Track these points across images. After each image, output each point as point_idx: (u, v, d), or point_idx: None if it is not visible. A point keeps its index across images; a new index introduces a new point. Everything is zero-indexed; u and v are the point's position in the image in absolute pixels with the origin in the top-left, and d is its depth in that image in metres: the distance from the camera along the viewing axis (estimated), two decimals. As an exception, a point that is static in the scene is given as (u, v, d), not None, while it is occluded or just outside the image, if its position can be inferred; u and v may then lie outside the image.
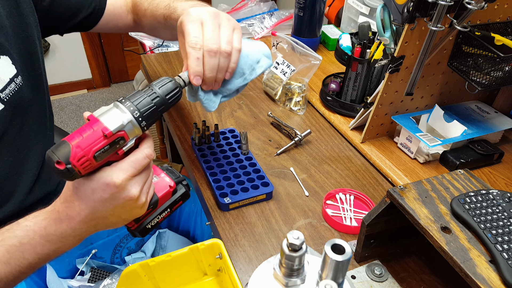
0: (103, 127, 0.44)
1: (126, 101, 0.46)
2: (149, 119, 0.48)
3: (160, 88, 0.49)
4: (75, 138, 0.44)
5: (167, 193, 0.58)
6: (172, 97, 0.50)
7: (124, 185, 0.47)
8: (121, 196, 0.47)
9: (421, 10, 0.66)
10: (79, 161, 0.43)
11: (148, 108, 0.47)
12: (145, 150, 0.49)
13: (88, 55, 2.67)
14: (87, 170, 0.45)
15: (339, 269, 0.36)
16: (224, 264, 0.60)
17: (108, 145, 0.45)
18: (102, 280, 0.86)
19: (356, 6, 1.22)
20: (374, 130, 0.85)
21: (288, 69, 0.98)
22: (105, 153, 0.45)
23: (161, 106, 0.49)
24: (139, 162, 0.48)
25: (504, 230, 0.48)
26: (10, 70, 0.66)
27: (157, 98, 0.48)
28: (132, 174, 0.47)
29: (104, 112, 0.45)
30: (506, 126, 0.83)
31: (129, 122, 0.46)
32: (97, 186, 0.46)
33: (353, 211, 0.72)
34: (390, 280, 0.59)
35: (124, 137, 0.46)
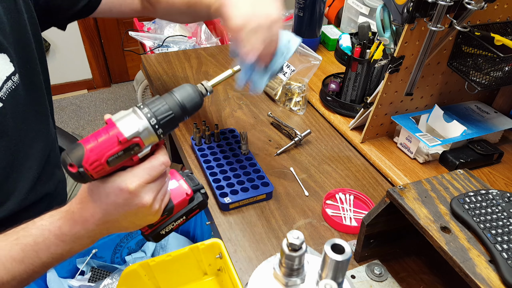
0: (118, 133, 0.44)
1: (144, 107, 0.45)
2: (166, 127, 0.46)
3: (180, 96, 0.48)
4: (90, 141, 0.43)
5: (183, 200, 0.56)
6: (192, 106, 0.48)
7: (137, 191, 0.46)
8: (134, 202, 0.47)
9: (421, 10, 0.66)
10: (92, 165, 0.43)
11: (166, 116, 0.46)
12: (161, 157, 0.48)
13: (89, 55, 2.67)
14: (100, 174, 0.45)
15: (339, 269, 0.36)
16: (224, 263, 0.60)
17: (122, 151, 0.44)
18: (103, 280, 0.86)
19: (356, 6, 1.22)
20: (373, 130, 0.85)
21: (288, 69, 0.98)
22: (118, 158, 0.44)
23: (180, 114, 0.47)
24: (154, 169, 0.47)
25: (504, 230, 0.48)
26: (8, 68, 0.65)
27: (177, 107, 0.47)
28: (146, 181, 0.47)
29: (121, 117, 0.45)
30: (505, 126, 0.83)
31: (145, 129, 0.45)
32: (111, 190, 0.46)
33: (353, 211, 0.72)
34: (390, 280, 0.60)
35: (139, 144, 0.45)
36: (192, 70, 1.14)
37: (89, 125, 2.49)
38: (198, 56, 1.22)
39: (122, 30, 2.66)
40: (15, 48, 0.67)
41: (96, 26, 2.58)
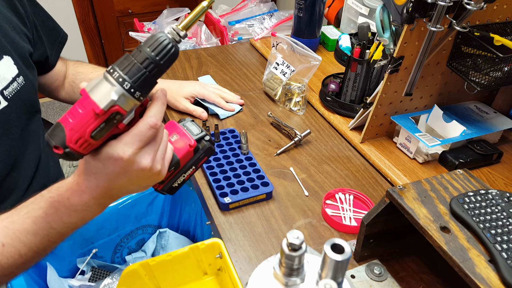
0: (94, 106, 0.41)
1: (114, 71, 0.42)
2: (144, 88, 0.43)
3: (150, 48, 0.42)
4: (68, 119, 0.42)
5: (188, 152, 0.54)
6: (165, 56, 0.43)
7: (132, 158, 0.45)
8: (133, 168, 0.46)
9: (420, 10, 0.67)
10: (77, 143, 0.42)
11: (139, 76, 0.42)
12: (149, 119, 0.46)
13: (89, 55, 2.67)
14: (89, 149, 0.43)
15: (338, 269, 0.37)
16: (224, 263, 0.60)
17: (104, 122, 0.42)
18: (103, 280, 0.87)
19: (355, 6, 1.22)
20: (373, 130, 0.85)
21: (287, 69, 0.98)
22: (102, 131, 0.42)
23: (154, 69, 0.43)
24: (143, 134, 0.46)
25: (503, 230, 0.48)
26: (13, 69, 0.68)
27: (148, 61, 0.42)
28: (138, 146, 0.46)
29: (94, 86, 0.42)
30: (505, 126, 0.83)
31: (121, 95, 0.41)
32: (106, 162, 0.46)
33: (353, 210, 0.72)
34: (390, 280, 0.60)
35: (119, 112, 0.42)
36: (192, 70, 1.14)
37: (89, 125, 2.49)
38: (198, 57, 1.22)
39: (122, 30, 2.66)
40: (17, 52, 0.70)
41: (97, 27, 2.59)
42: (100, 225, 0.90)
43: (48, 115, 2.49)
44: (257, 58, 1.24)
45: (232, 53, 1.25)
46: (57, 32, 0.87)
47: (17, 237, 0.48)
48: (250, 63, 1.20)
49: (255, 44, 1.29)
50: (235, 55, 1.24)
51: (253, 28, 1.36)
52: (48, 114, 2.50)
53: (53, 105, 2.64)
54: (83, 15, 2.50)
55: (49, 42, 0.84)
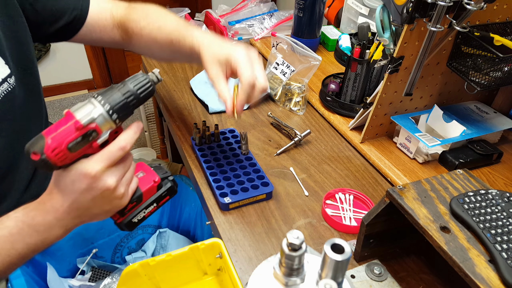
0: (75, 120, 0.47)
1: (98, 96, 0.49)
2: (120, 113, 0.50)
3: (132, 84, 0.51)
4: (51, 131, 0.47)
5: (152, 187, 0.59)
6: (143, 92, 0.52)
7: (99, 175, 0.49)
8: (98, 186, 0.49)
9: (420, 10, 0.67)
10: (53, 151, 0.46)
11: (118, 102, 0.49)
12: (120, 142, 0.50)
13: (89, 55, 2.67)
14: (63, 161, 0.48)
15: (338, 269, 0.37)
16: (224, 263, 0.60)
17: (81, 137, 0.47)
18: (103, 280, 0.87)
19: (355, 6, 1.22)
20: (373, 130, 0.85)
21: (287, 69, 0.98)
22: (78, 145, 0.48)
23: (133, 100, 0.51)
24: (113, 153, 0.50)
25: (503, 230, 0.48)
26: (3, 70, 0.66)
27: (128, 93, 0.50)
28: (106, 165, 0.49)
29: (78, 107, 0.48)
30: (505, 126, 0.84)
31: (100, 115, 0.48)
32: (74, 177, 0.49)
33: (353, 210, 0.72)
34: (390, 280, 0.60)
35: (96, 130, 0.48)
36: (192, 70, 1.14)
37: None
38: (198, 57, 1.22)
39: (122, 30, 2.66)
40: (10, 52, 0.68)
41: (96, 26, 2.58)
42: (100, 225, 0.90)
43: (49, 114, 2.49)
44: (257, 58, 1.24)
45: (232, 53, 1.25)
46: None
47: None
48: (250, 63, 1.20)
49: (255, 44, 1.29)
50: (235, 55, 1.24)
51: (253, 28, 1.36)
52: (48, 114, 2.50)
53: (53, 105, 2.64)
54: (83, 15, 2.50)
55: None
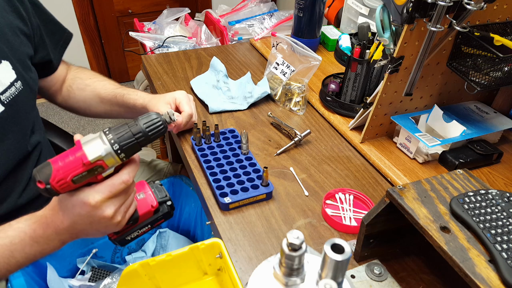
0: (83, 155, 0.49)
1: (110, 133, 0.50)
2: (128, 152, 0.51)
3: (145, 124, 0.51)
4: (58, 162, 0.49)
5: (148, 211, 0.62)
6: (155, 132, 0.52)
7: (99, 205, 0.52)
8: (96, 214, 0.52)
9: (420, 10, 0.67)
10: (58, 183, 0.48)
11: (128, 142, 0.50)
12: (123, 176, 0.53)
13: (89, 55, 2.67)
14: (65, 190, 0.50)
15: (338, 269, 0.37)
16: (224, 263, 0.60)
17: (86, 171, 0.49)
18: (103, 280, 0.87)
19: (355, 6, 1.22)
20: (373, 130, 0.85)
21: (288, 69, 0.98)
22: (83, 178, 0.50)
23: (143, 141, 0.52)
24: (115, 187, 0.52)
25: (503, 230, 0.48)
26: (11, 74, 0.68)
27: (139, 134, 0.51)
28: (107, 196, 0.52)
29: (88, 140, 0.50)
30: (505, 126, 0.83)
31: (108, 153, 0.49)
32: (76, 203, 0.52)
33: (353, 210, 0.72)
34: (390, 280, 0.60)
35: (102, 166, 0.50)
36: (192, 70, 1.14)
37: (90, 125, 2.49)
38: (198, 57, 1.22)
39: (122, 30, 2.66)
40: (16, 57, 0.70)
41: (97, 27, 2.59)
42: (100, 225, 0.90)
43: (48, 115, 2.50)
44: (257, 58, 1.24)
45: (232, 53, 1.25)
46: (61, 32, 0.87)
47: None
48: (250, 63, 1.20)
49: (255, 44, 1.29)
50: (235, 55, 1.24)
51: (253, 28, 1.36)
52: (48, 114, 2.50)
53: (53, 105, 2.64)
54: (83, 15, 2.50)
55: (52, 44, 0.84)
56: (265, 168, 0.71)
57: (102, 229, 0.56)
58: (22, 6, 0.73)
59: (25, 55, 0.74)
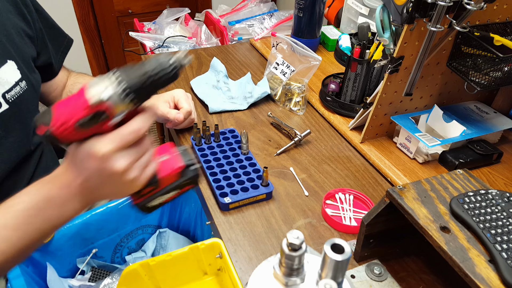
0: (85, 99, 0.43)
1: (117, 73, 0.44)
2: (138, 94, 0.45)
3: (152, 66, 0.45)
4: (60, 106, 0.44)
5: (172, 173, 0.54)
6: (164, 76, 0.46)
7: (106, 157, 0.46)
8: (105, 168, 0.46)
9: (420, 10, 0.67)
10: (59, 128, 0.43)
11: (138, 82, 0.44)
12: (134, 124, 0.47)
13: (89, 55, 2.67)
14: (67, 138, 0.45)
15: (338, 269, 0.37)
16: (224, 263, 0.60)
17: (89, 117, 0.43)
18: (103, 280, 0.87)
19: (355, 6, 1.22)
20: (373, 130, 0.85)
21: (288, 69, 0.98)
22: (85, 124, 0.44)
23: (152, 84, 0.45)
24: (124, 136, 0.46)
25: (503, 230, 0.48)
26: (16, 74, 0.69)
27: (149, 73, 0.44)
28: (116, 147, 0.46)
29: (94, 83, 0.44)
30: (505, 126, 0.83)
31: (113, 95, 0.43)
32: (83, 156, 0.46)
33: (353, 210, 0.72)
34: (390, 280, 0.60)
35: (107, 111, 0.44)
36: (192, 70, 1.14)
37: (89, 125, 2.49)
38: (198, 57, 1.22)
39: (122, 30, 2.66)
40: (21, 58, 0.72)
41: (97, 27, 2.59)
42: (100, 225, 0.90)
43: (48, 115, 2.49)
44: (257, 58, 1.24)
45: (232, 53, 1.25)
46: (62, 38, 0.88)
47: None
48: (250, 63, 1.20)
49: (255, 44, 1.29)
50: (235, 55, 1.24)
51: (253, 28, 1.36)
52: (48, 114, 2.50)
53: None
54: (83, 15, 2.50)
55: (54, 48, 0.85)
56: (265, 168, 0.71)
57: (117, 189, 0.50)
58: (26, 10, 0.75)
59: (29, 57, 0.75)
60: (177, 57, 0.46)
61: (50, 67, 0.84)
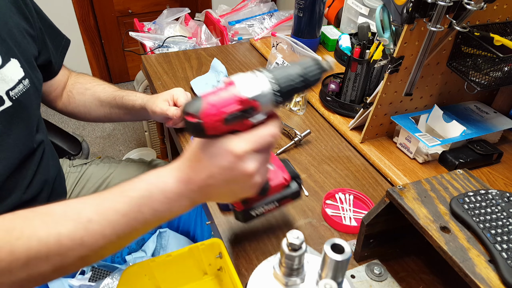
0: (239, 92, 0.43)
1: (267, 72, 0.45)
2: (285, 96, 0.45)
3: (303, 68, 0.46)
4: (211, 96, 0.43)
5: (280, 185, 0.55)
6: (312, 79, 0.46)
7: (243, 156, 0.45)
8: (237, 167, 0.46)
9: (420, 10, 0.67)
10: (209, 118, 0.43)
11: (288, 85, 0.44)
12: (272, 128, 0.47)
13: (89, 55, 2.67)
14: (214, 130, 0.44)
15: (338, 269, 0.37)
16: (224, 263, 0.60)
17: (241, 111, 0.44)
18: (103, 279, 0.87)
19: (355, 6, 1.22)
20: (373, 130, 0.85)
21: (288, 69, 0.98)
22: (235, 118, 0.44)
23: (301, 85, 0.46)
24: (263, 138, 0.46)
25: (503, 230, 0.48)
26: (19, 72, 0.70)
27: (298, 77, 0.45)
28: (253, 147, 0.46)
29: (243, 78, 0.44)
30: (505, 126, 0.83)
31: (265, 93, 0.44)
32: (218, 151, 0.46)
33: (353, 210, 0.72)
34: (390, 280, 0.60)
35: (256, 108, 0.44)
36: (192, 70, 1.14)
37: (90, 125, 2.49)
38: (198, 57, 1.22)
39: (122, 30, 2.66)
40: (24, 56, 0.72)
41: (97, 27, 2.59)
42: (100, 225, 0.90)
43: (48, 115, 2.50)
44: (257, 58, 1.24)
45: (232, 53, 1.25)
46: (60, 38, 0.89)
47: (106, 214, 0.46)
48: (250, 63, 1.20)
49: (255, 44, 1.29)
50: (235, 55, 1.24)
51: (253, 28, 1.36)
52: (48, 114, 2.50)
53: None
54: (83, 15, 2.50)
55: (54, 47, 0.86)
56: None
57: (237, 190, 0.49)
58: (27, 9, 0.76)
59: (31, 55, 0.76)
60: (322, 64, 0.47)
61: (50, 66, 0.85)
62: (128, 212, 0.47)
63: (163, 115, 0.83)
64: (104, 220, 0.45)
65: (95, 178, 1.04)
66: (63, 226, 0.44)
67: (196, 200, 0.50)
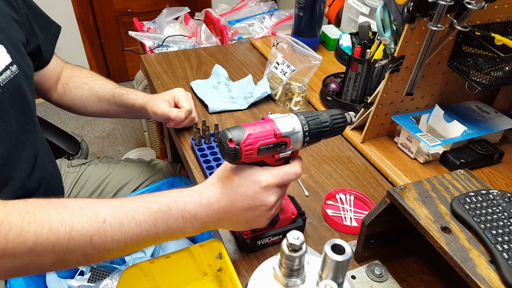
0: (275, 127, 0.49)
1: (300, 115, 0.51)
2: (312, 138, 0.51)
3: (331, 116, 0.53)
4: (250, 127, 0.49)
5: (288, 218, 0.60)
6: (337, 129, 0.53)
7: (267, 189, 0.50)
8: (260, 198, 0.50)
9: (421, 10, 0.66)
10: (247, 147, 0.48)
11: (316, 128, 0.51)
12: (297, 167, 0.52)
13: (88, 55, 2.67)
14: (247, 158, 0.49)
15: (339, 269, 0.36)
16: (224, 264, 0.60)
17: (273, 144, 0.49)
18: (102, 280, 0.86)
19: (356, 6, 1.22)
20: (374, 130, 0.85)
21: (288, 69, 0.98)
22: (267, 150, 0.49)
23: (326, 132, 0.52)
24: (288, 175, 0.51)
25: (504, 230, 0.48)
26: (6, 58, 0.68)
27: (326, 123, 0.52)
28: (278, 182, 0.50)
29: (278, 117, 0.51)
30: (506, 126, 0.83)
31: (297, 132, 0.50)
32: (245, 181, 0.50)
33: (353, 211, 0.72)
34: (390, 280, 0.59)
35: (287, 143, 0.50)
36: (192, 70, 1.14)
37: (89, 125, 2.49)
38: (198, 56, 1.22)
39: (122, 30, 2.66)
40: (10, 42, 0.70)
41: (96, 26, 2.58)
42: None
43: (47, 115, 2.49)
44: (257, 57, 1.23)
45: (232, 53, 1.25)
46: (50, 25, 0.87)
47: (121, 220, 0.47)
48: (250, 62, 1.20)
49: (255, 44, 1.29)
50: (235, 54, 1.24)
51: (253, 28, 1.36)
52: (47, 114, 2.50)
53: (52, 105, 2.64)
54: (82, 15, 2.50)
55: (43, 34, 0.83)
56: None
57: (252, 219, 0.53)
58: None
59: (19, 41, 0.74)
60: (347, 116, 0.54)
61: (40, 54, 0.83)
62: (143, 222, 0.48)
63: (164, 116, 0.82)
64: (117, 224, 0.46)
65: (94, 178, 1.04)
66: (77, 221, 0.44)
67: (208, 225, 0.52)
